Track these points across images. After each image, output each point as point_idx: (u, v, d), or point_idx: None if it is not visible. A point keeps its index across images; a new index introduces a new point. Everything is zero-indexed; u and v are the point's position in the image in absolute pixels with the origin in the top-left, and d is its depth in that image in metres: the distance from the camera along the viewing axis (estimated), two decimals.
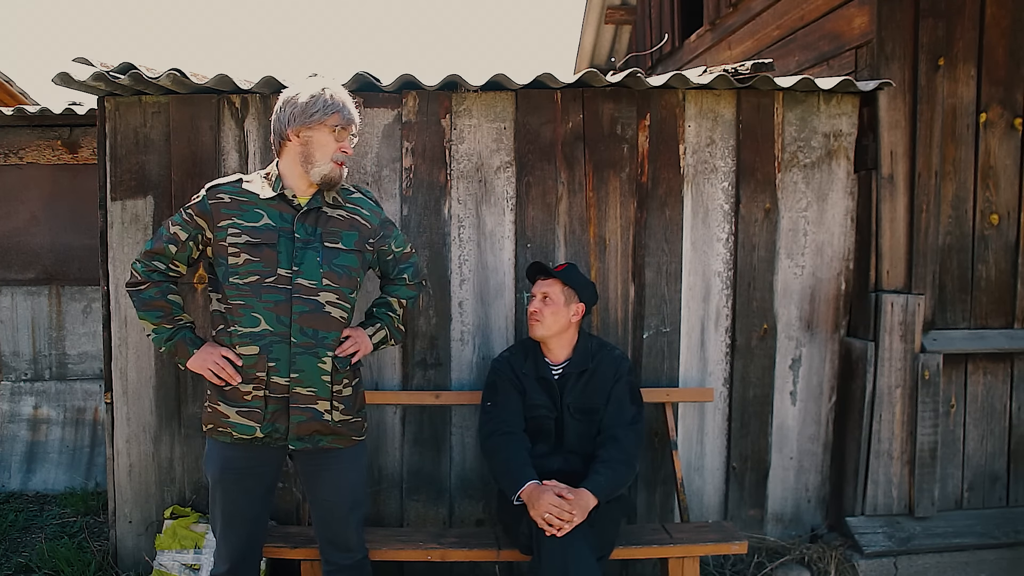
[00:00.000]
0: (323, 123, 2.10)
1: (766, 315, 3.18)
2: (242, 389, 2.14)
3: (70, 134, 4.31)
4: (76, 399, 4.34)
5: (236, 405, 2.15)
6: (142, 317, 2.21)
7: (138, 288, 2.20)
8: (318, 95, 2.10)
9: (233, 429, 2.16)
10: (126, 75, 2.74)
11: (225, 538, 2.24)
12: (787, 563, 3.06)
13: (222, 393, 2.17)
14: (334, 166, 2.14)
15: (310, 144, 2.12)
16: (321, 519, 2.31)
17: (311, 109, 2.09)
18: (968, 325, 3.28)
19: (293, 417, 2.15)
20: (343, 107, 2.13)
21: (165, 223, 2.23)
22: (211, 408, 2.20)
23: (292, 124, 2.12)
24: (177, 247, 2.19)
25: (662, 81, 2.96)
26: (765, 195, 3.14)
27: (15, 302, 4.36)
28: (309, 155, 2.13)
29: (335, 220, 2.21)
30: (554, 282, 2.65)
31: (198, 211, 2.17)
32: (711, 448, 3.21)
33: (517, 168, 3.05)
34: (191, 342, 2.21)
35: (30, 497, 4.10)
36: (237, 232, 2.13)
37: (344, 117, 2.13)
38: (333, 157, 2.14)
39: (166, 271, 2.21)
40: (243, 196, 2.17)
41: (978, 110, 3.20)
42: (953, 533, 3.16)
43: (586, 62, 7.04)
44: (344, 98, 2.15)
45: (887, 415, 3.14)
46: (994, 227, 3.26)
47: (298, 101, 2.11)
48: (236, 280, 2.12)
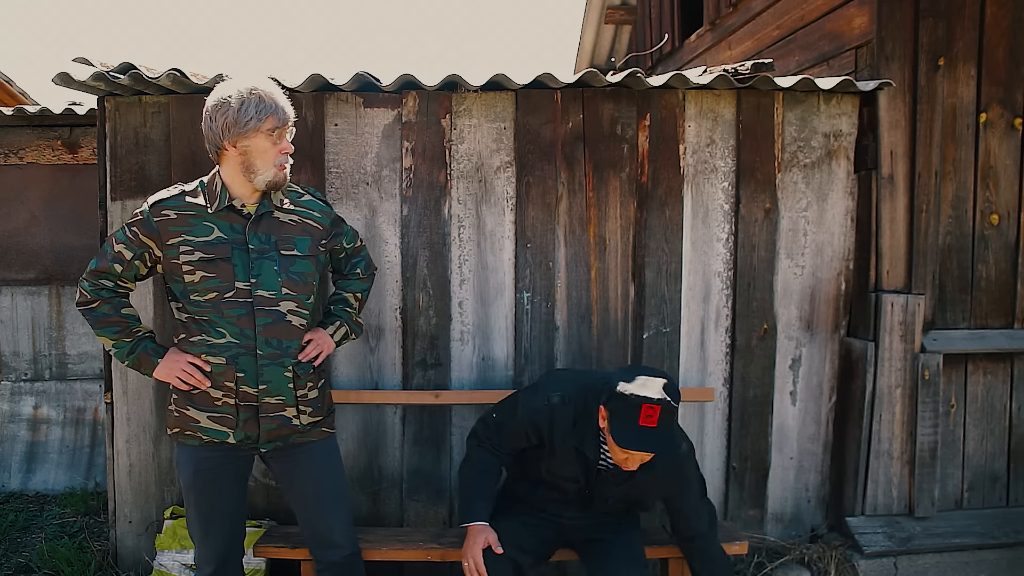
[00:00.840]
0: (259, 129, 1.98)
1: (766, 315, 3.18)
2: (212, 394, 2.12)
3: (70, 134, 4.31)
4: (76, 399, 4.34)
5: (207, 410, 2.13)
6: (99, 334, 2.16)
7: (89, 307, 2.13)
8: (247, 99, 1.97)
9: (203, 433, 2.13)
10: (126, 75, 2.74)
11: (206, 540, 2.22)
12: (787, 563, 3.06)
13: (190, 398, 2.13)
14: (277, 170, 2.06)
15: (249, 153, 2.02)
16: (302, 515, 2.29)
17: (243, 116, 1.97)
18: (968, 325, 3.28)
19: (263, 425, 2.14)
20: (276, 107, 2.00)
21: (109, 239, 2.15)
22: (178, 412, 2.16)
23: (227, 135, 2.00)
24: (123, 266, 2.12)
25: (662, 81, 2.96)
26: (765, 195, 3.14)
27: (15, 302, 4.36)
28: (250, 164, 2.03)
29: (288, 226, 2.16)
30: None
31: (144, 230, 2.09)
32: (711, 448, 3.21)
33: (517, 168, 3.05)
34: (154, 352, 2.15)
35: (30, 497, 4.10)
36: (189, 249, 2.06)
37: (280, 118, 2.01)
38: (275, 162, 2.04)
39: (114, 288, 2.15)
40: (189, 210, 2.09)
41: (978, 110, 3.20)
42: (953, 533, 3.16)
43: (586, 62, 7.04)
44: (275, 96, 2.01)
45: (887, 415, 3.14)
46: (994, 227, 3.26)
47: (228, 109, 1.97)
48: (196, 297, 2.08)
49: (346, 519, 2.32)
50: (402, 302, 3.05)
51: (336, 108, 2.99)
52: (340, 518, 2.30)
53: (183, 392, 2.14)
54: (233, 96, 1.98)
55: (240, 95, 1.97)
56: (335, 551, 2.31)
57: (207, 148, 2.09)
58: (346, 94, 2.98)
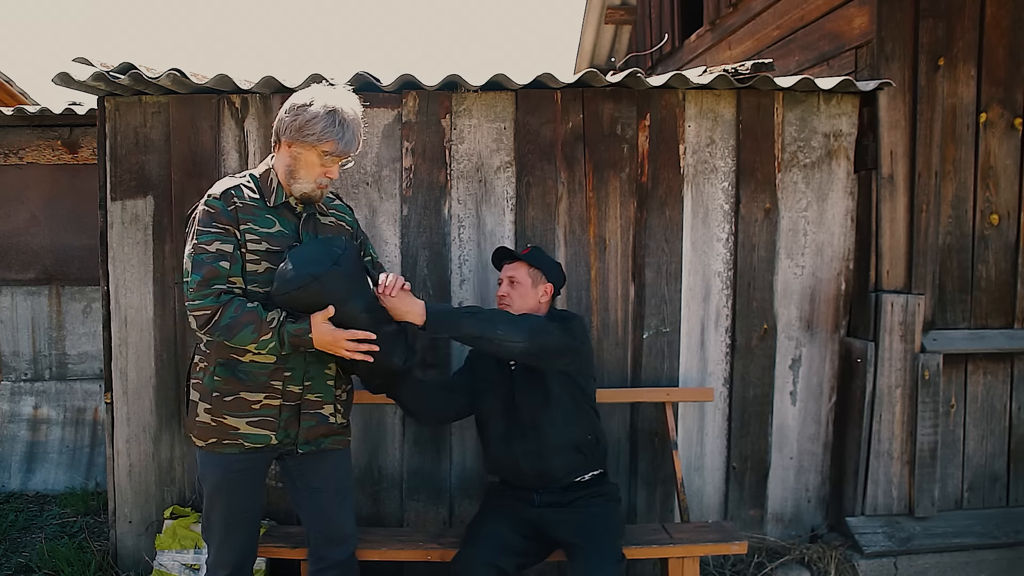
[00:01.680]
0: (315, 146, 2.03)
1: (766, 315, 3.18)
2: (249, 399, 2.09)
3: (70, 134, 4.31)
4: (76, 399, 4.34)
5: (245, 416, 2.10)
6: (237, 343, 2.02)
7: (213, 322, 1.99)
8: (322, 116, 2.01)
9: (244, 440, 2.11)
10: (126, 75, 2.74)
11: (228, 543, 2.21)
12: (787, 563, 3.06)
13: (225, 405, 2.10)
14: (315, 187, 2.10)
15: (298, 160, 2.07)
16: (314, 511, 2.28)
17: (309, 128, 2.01)
18: (968, 325, 3.28)
19: (304, 422, 2.16)
20: (342, 136, 2.03)
21: (194, 249, 2.03)
22: (214, 422, 2.10)
23: (286, 134, 2.05)
24: (229, 261, 2.03)
25: (662, 81, 2.96)
26: (765, 195, 3.14)
27: (15, 302, 4.36)
28: (294, 170, 2.08)
29: (328, 227, 2.22)
30: (520, 264, 2.60)
31: (226, 219, 2.04)
32: (711, 448, 3.21)
33: (517, 168, 3.05)
34: (300, 331, 2.02)
35: (30, 497, 4.10)
36: (256, 238, 2.06)
37: (339, 147, 2.04)
38: (316, 180, 2.09)
39: (229, 289, 2.03)
40: (252, 201, 2.10)
41: (978, 110, 3.20)
42: (953, 533, 3.16)
43: (586, 62, 7.04)
44: (349, 126, 2.05)
45: (887, 415, 3.14)
46: (994, 227, 3.26)
47: (302, 113, 2.02)
48: (255, 288, 2.06)
49: (352, 514, 2.35)
50: None
51: None
52: (350, 513, 2.33)
53: (216, 400, 2.09)
54: (314, 105, 2.02)
55: (320, 108, 2.01)
56: (343, 547, 2.31)
57: (272, 133, 2.14)
58: None
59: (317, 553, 2.32)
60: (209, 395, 2.11)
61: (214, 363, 2.11)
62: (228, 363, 2.10)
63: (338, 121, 2.02)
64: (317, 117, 2.01)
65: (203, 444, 2.14)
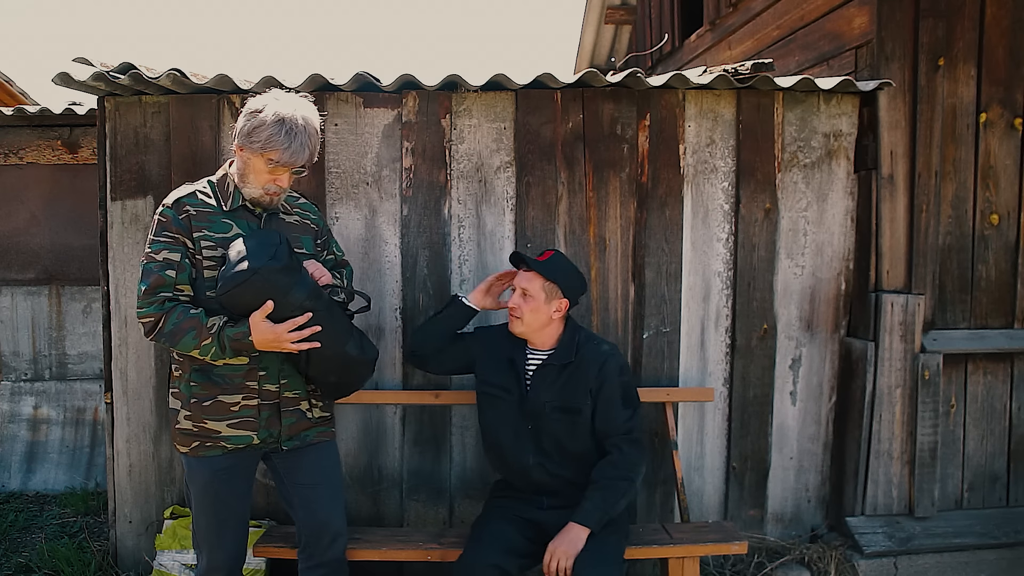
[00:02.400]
0: (262, 153, 2.03)
1: (766, 315, 3.18)
2: (227, 401, 2.12)
3: (70, 134, 4.31)
4: (76, 399, 4.34)
5: (225, 418, 2.13)
6: (181, 349, 2.06)
7: (158, 329, 2.04)
8: (270, 123, 1.99)
9: (226, 442, 2.14)
10: (126, 75, 2.74)
11: (220, 543, 2.21)
12: (787, 563, 3.06)
13: (204, 410, 2.12)
14: (263, 193, 2.11)
15: (247, 164, 2.09)
16: (303, 506, 2.28)
17: (255, 135, 2.01)
18: (968, 325, 3.28)
19: (284, 420, 2.19)
20: (288, 146, 2.00)
21: (145, 258, 2.07)
22: (195, 427, 2.13)
23: (239, 138, 2.07)
24: (175, 270, 2.06)
25: (662, 81, 2.96)
26: (765, 195, 3.14)
27: (15, 302, 4.36)
28: (244, 174, 2.11)
29: (293, 226, 2.24)
30: (535, 276, 2.47)
31: (176, 229, 2.06)
32: (711, 448, 3.21)
33: (517, 168, 3.05)
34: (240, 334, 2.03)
35: (30, 497, 4.10)
36: (211, 245, 2.08)
37: (285, 157, 2.01)
38: (264, 187, 2.10)
39: (175, 297, 2.07)
40: (206, 207, 2.11)
41: (978, 110, 3.20)
42: (953, 533, 3.16)
43: (586, 62, 7.04)
44: (297, 135, 2.01)
45: (887, 415, 3.14)
46: (994, 227, 3.26)
47: (252, 119, 2.02)
48: (212, 294, 2.08)
49: (343, 510, 2.36)
50: (402, 302, 3.05)
51: (336, 108, 2.99)
52: (340, 508, 2.34)
53: (195, 406, 2.13)
54: (265, 112, 2.01)
55: (270, 115, 2.00)
56: (333, 545, 2.31)
57: None
58: (346, 94, 2.98)
59: (307, 551, 2.33)
60: (188, 401, 2.14)
61: (189, 370, 2.14)
62: (203, 368, 2.13)
63: (285, 131, 2.00)
64: (264, 124, 2.00)
65: (187, 450, 2.16)
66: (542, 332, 2.54)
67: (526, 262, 2.52)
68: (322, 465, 2.30)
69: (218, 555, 2.22)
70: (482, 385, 2.62)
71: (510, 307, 2.52)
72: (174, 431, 2.19)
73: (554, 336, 2.55)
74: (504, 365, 2.57)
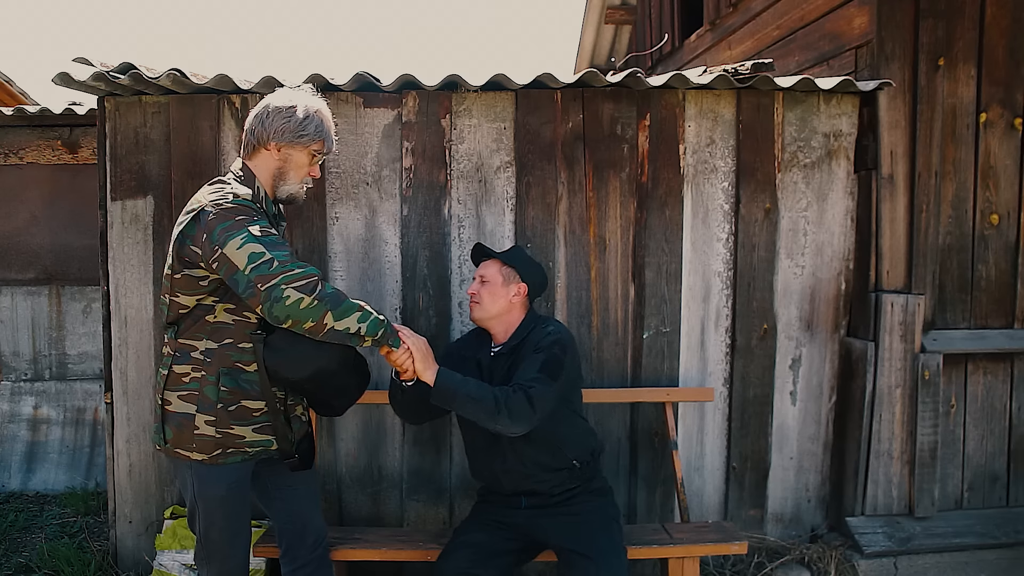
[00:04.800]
0: (307, 147, 2.07)
1: (766, 315, 3.18)
2: (251, 407, 2.07)
3: (70, 134, 4.31)
4: (76, 399, 4.34)
5: (250, 423, 2.07)
6: (346, 313, 1.93)
7: (320, 288, 1.92)
8: (312, 116, 2.06)
9: (249, 447, 2.08)
10: (126, 75, 2.74)
11: (233, 556, 2.15)
12: (787, 563, 3.06)
13: (231, 415, 2.04)
14: (301, 188, 2.14)
15: (288, 162, 2.09)
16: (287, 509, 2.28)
17: (303, 130, 2.05)
18: (968, 325, 3.28)
19: (294, 425, 2.20)
20: (328, 136, 2.11)
21: (260, 232, 1.93)
22: (220, 433, 2.03)
23: (277, 138, 2.05)
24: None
25: (662, 81, 2.96)
26: (765, 195, 3.14)
27: (15, 302, 4.36)
28: (283, 173, 2.10)
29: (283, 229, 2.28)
30: (492, 263, 2.51)
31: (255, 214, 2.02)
32: (711, 448, 3.21)
33: (517, 168, 3.05)
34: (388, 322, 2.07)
35: (30, 497, 4.10)
36: None
37: (327, 147, 2.12)
38: (303, 180, 2.13)
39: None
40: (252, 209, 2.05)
41: (978, 110, 3.20)
42: (953, 533, 3.16)
43: (586, 62, 7.04)
44: (331, 126, 2.13)
45: (887, 415, 3.13)
46: (994, 227, 3.26)
47: (292, 116, 2.04)
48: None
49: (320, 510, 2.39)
50: (402, 302, 3.05)
51: (336, 108, 2.97)
52: (319, 508, 2.38)
53: (221, 411, 2.03)
54: (300, 106, 2.05)
55: (307, 109, 2.05)
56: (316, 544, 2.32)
57: (244, 140, 2.11)
58: (346, 94, 2.98)
59: (291, 552, 2.31)
60: (213, 406, 2.02)
61: (216, 372, 2.03)
62: (232, 371, 2.03)
63: (324, 120, 2.10)
64: (309, 118, 2.05)
65: (206, 457, 2.04)
66: (502, 320, 2.49)
67: (485, 253, 2.58)
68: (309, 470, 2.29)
69: (230, 566, 2.15)
70: None
71: (470, 292, 2.53)
72: (188, 437, 2.03)
73: (514, 326, 2.51)
74: (472, 368, 2.50)
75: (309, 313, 1.88)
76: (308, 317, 1.88)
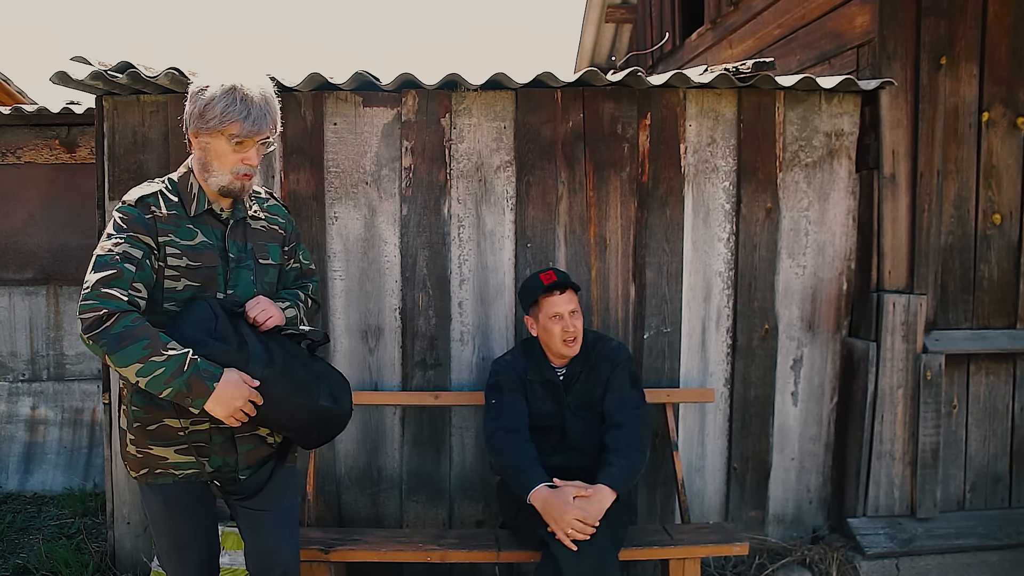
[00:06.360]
0: (220, 131, 1.81)
1: (767, 315, 3.16)
2: (173, 426, 1.86)
3: (68, 133, 4.29)
4: (74, 399, 4.32)
5: (172, 443, 1.88)
6: (118, 361, 1.68)
7: (102, 327, 1.67)
8: (220, 96, 1.79)
9: (176, 469, 1.90)
10: (124, 74, 2.72)
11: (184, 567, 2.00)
12: (788, 564, 3.05)
13: (149, 435, 1.87)
14: (233, 178, 1.87)
15: (207, 151, 1.86)
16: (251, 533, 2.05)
17: (209, 112, 1.80)
18: (970, 325, 3.26)
19: (241, 447, 1.95)
20: (248, 114, 1.79)
21: (100, 250, 1.77)
22: (140, 452, 1.88)
23: (191, 124, 1.85)
24: (135, 266, 1.75)
25: (663, 80, 2.95)
26: (766, 194, 3.12)
27: (12, 302, 4.34)
28: (206, 163, 1.87)
29: (260, 232, 2.01)
30: (573, 295, 2.64)
31: (140, 228, 1.80)
32: (712, 449, 3.20)
33: (517, 167, 3.03)
34: (208, 374, 1.73)
35: (28, 498, 4.08)
36: (177, 253, 1.84)
37: (245, 128, 1.80)
38: (232, 170, 1.85)
39: (129, 300, 1.72)
40: (172, 209, 1.87)
41: (980, 109, 3.19)
42: (955, 534, 3.15)
43: (586, 61, 7.02)
44: (254, 102, 1.81)
45: (889, 416, 3.12)
46: (996, 227, 3.25)
47: (199, 99, 1.81)
48: (171, 307, 1.85)
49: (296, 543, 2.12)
50: (401, 302, 3.04)
51: (335, 107, 2.97)
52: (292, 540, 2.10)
53: (139, 429, 1.87)
54: (210, 87, 1.81)
55: (217, 89, 1.81)
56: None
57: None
58: (345, 93, 2.97)
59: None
60: (131, 424, 1.90)
61: (132, 390, 1.88)
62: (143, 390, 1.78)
63: (239, 99, 1.79)
64: (215, 99, 1.79)
65: (135, 475, 1.93)
66: None
67: (561, 286, 2.60)
68: (281, 489, 2.04)
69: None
70: (534, 417, 2.65)
71: (569, 330, 2.60)
72: (123, 452, 1.95)
73: None
74: (543, 389, 2.68)
75: (94, 350, 1.71)
76: (96, 354, 1.72)
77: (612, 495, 2.35)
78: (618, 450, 2.48)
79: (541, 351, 2.71)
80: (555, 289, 2.60)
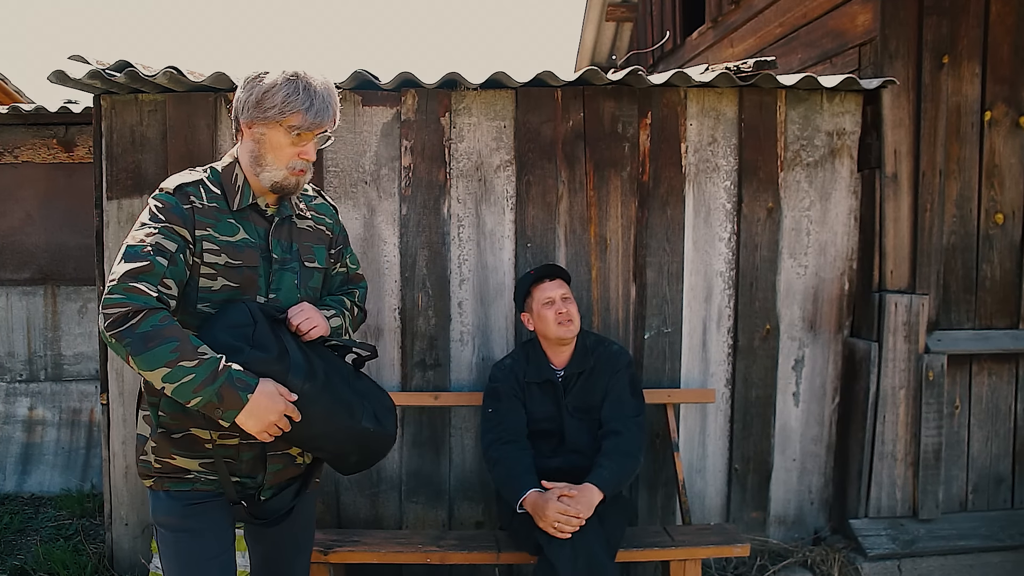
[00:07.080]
0: (279, 122, 1.67)
1: (768, 315, 3.15)
2: (201, 436, 1.71)
3: (66, 132, 4.28)
4: (72, 400, 4.31)
5: (197, 456, 1.73)
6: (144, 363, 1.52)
7: (127, 324, 1.52)
8: (281, 85, 1.65)
9: (198, 483, 1.75)
10: (122, 73, 2.71)
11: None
12: (790, 566, 3.03)
13: (174, 443, 1.72)
14: (288, 173, 1.73)
15: (262, 143, 1.71)
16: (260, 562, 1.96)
17: (268, 102, 1.65)
18: (973, 325, 3.25)
19: (270, 466, 1.78)
20: (310, 106, 1.66)
21: (131, 239, 1.63)
22: (160, 461, 1.73)
23: (246, 114, 1.70)
24: (167, 260, 1.60)
25: (663, 79, 2.93)
26: (768, 194, 3.11)
27: (10, 302, 4.33)
28: (259, 156, 1.72)
29: (306, 232, 1.86)
30: (563, 283, 2.70)
31: (177, 219, 1.65)
32: (713, 450, 3.18)
33: (517, 167, 3.02)
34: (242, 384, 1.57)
35: (25, 499, 4.06)
36: (215, 249, 1.69)
37: (308, 118, 1.67)
38: (289, 164, 1.72)
39: (158, 296, 1.57)
40: (213, 202, 1.72)
41: (982, 108, 3.17)
42: (957, 535, 3.13)
43: (587, 60, 7.01)
44: (317, 92, 1.68)
45: (891, 416, 3.11)
46: (999, 226, 3.24)
47: (256, 86, 1.68)
48: (206, 308, 1.70)
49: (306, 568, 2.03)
50: (401, 302, 3.02)
51: None
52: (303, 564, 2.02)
53: (163, 436, 1.72)
54: (270, 74, 1.68)
55: (278, 76, 1.67)
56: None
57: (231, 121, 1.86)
58: (345, 92, 2.95)
59: None
60: (155, 431, 1.73)
61: (159, 394, 1.68)
62: None
63: (302, 88, 1.66)
64: (275, 86, 1.65)
65: (150, 483, 1.77)
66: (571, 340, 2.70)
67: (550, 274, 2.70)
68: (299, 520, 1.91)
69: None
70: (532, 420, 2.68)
71: (559, 312, 2.63)
72: (139, 459, 1.78)
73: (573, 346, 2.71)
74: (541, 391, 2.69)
75: (117, 350, 1.55)
76: (118, 354, 1.56)
77: (599, 494, 2.36)
78: (610, 454, 2.51)
79: (541, 351, 2.71)
80: (545, 277, 2.70)
